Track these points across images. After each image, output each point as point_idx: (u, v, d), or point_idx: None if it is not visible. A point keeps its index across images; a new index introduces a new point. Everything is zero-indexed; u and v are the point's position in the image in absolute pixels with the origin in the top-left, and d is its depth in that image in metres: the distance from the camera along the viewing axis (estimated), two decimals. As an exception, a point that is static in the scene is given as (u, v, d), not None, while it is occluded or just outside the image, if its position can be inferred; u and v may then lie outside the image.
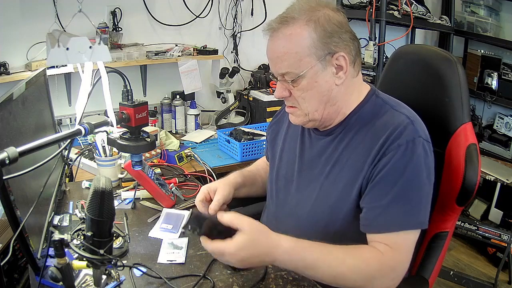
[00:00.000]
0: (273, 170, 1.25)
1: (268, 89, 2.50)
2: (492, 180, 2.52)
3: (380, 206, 0.97)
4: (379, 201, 0.97)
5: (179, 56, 2.30)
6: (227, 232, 0.91)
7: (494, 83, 2.91)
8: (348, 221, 1.04)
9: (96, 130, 0.99)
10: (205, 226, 0.91)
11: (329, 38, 0.99)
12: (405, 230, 0.97)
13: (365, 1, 2.72)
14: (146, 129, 1.13)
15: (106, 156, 1.50)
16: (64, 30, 2.00)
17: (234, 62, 2.71)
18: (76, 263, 0.83)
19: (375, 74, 2.65)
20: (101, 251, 0.80)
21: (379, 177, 0.98)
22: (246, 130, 2.15)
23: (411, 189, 0.97)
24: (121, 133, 1.12)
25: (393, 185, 0.96)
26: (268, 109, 2.38)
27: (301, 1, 1.04)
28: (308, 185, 1.12)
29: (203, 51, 2.40)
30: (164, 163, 1.83)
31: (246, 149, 2.04)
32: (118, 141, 1.10)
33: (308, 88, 1.02)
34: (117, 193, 1.42)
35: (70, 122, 2.19)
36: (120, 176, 1.54)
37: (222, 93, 2.59)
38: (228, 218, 0.92)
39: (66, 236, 0.79)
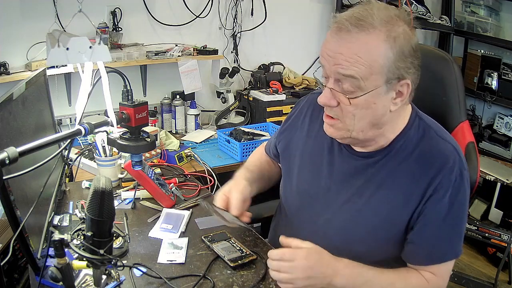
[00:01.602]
0: (291, 183, 1.18)
1: (268, 89, 2.49)
2: (492, 180, 2.52)
3: (429, 242, 0.99)
4: (429, 237, 0.99)
5: (179, 56, 2.30)
6: None
7: (494, 83, 2.91)
8: (387, 249, 1.05)
9: (96, 130, 0.99)
10: None
11: (403, 63, 0.90)
12: (450, 260, 1.02)
13: (365, 1, 2.72)
14: (146, 129, 1.13)
15: (106, 156, 1.50)
16: (64, 30, 2.00)
17: (234, 62, 2.71)
18: (76, 263, 0.83)
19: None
20: (101, 251, 0.80)
21: (432, 213, 0.97)
22: (246, 130, 2.15)
23: (458, 223, 1.00)
24: (121, 133, 1.12)
25: (444, 221, 0.98)
26: (268, 109, 2.38)
27: (380, 7, 0.92)
28: (341, 205, 1.07)
29: (203, 51, 2.40)
30: (164, 163, 1.83)
31: (246, 149, 2.03)
32: (118, 141, 1.10)
33: (364, 106, 0.92)
34: (117, 193, 1.42)
35: (70, 122, 2.19)
36: (120, 176, 1.54)
37: (222, 93, 2.59)
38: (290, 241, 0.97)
39: (66, 236, 0.79)
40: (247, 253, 1.10)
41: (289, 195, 1.20)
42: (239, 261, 1.06)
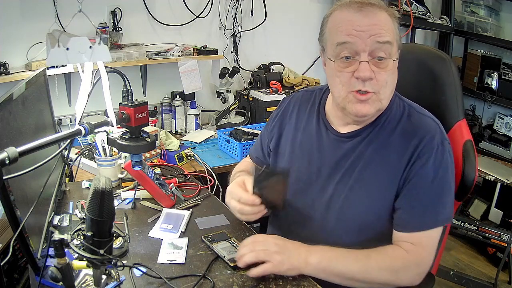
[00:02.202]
0: None
1: (268, 89, 2.49)
2: (492, 180, 2.52)
3: (415, 207, 1.02)
4: (414, 201, 1.02)
5: (179, 56, 2.30)
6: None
7: (494, 83, 2.91)
8: (382, 221, 1.07)
9: (96, 130, 0.99)
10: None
11: (399, 36, 1.06)
12: (436, 228, 1.03)
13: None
14: (146, 129, 1.13)
15: (106, 156, 1.50)
16: (64, 30, 2.00)
17: (234, 62, 2.71)
18: (76, 263, 0.83)
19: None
20: (101, 251, 0.80)
21: (415, 179, 1.03)
22: (246, 130, 2.15)
23: (442, 188, 1.03)
24: (121, 133, 1.12)
25: (427, 187, 1.02)
26: (268, 109, 2.38)
27: None
28: (334, 187, 1.11)
29: (203, 51, 2.40)
30: (164, 163, 1.83)
31: (246, 149, 2.03)
32: (118, 141, 1.10)
33: (394, 72, 1.03)
34: (117, 193, 1.42)
35: (70, 122, 2.19)
36: (120, 176, 1.54)
37: (222, 93, 2.59)
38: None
39: (66, 236, 0.79)
40: None
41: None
42: None
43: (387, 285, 1.02)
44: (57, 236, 0.78)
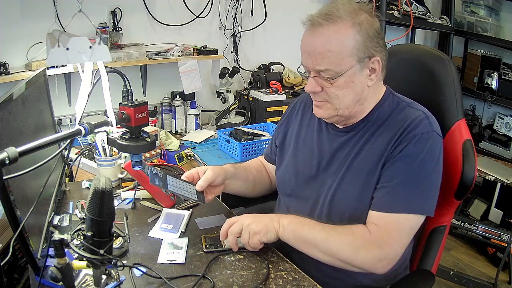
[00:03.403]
0: (287, 168, 1.29)
1: (268, 89, 2.49)
2: (492, 180, 2.52)
3: (388, 186, 1.05)
4: (388, 182, 1.05)
5: (179, 56, 2.30)
6: None
7: (494, 83, 2.91)
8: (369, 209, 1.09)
9: (96, 130, 0.99)
10: None
11: (370, 42, 1.05)
12: (407, 213, 1.03)
13: (365, 1, 2.72)
14: (146, 129, 1.13)
15: (106, 156, 1.50)
16: (64, 30, 2.00)
17: (234, 62, 2.71)
18: (76, 263, 0.83)
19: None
20: (101, 251, 0.80)
21: (392, 161, 1.05)
22: (246, 130, 2.15)
23: (420, 176, 1.04)
24: (121, 133, 1.12)
25: (404, 170, 1.04)
26: (268, 109, 2.38)
27: (344, 2, 1.08)
28: (331, 178, 1.17)
29: (203, 51, 2.40)
30: (164, 163, 1.83)
31: (246, 149, 2.04)
32: (118, 141, 1.10)
33: (344, 86, 1.06)
34: (117, 193, 1.42)
35: (70, 122, 2.19)
36: (120, 176, 1.54)
37: (222, 93, 2.59)
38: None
39: (66, 236, 0.79)
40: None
41: (286, 177, 1.29)
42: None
43: (348, 263, 1.04)
44: (57, 236, 0.78)
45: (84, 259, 0.81)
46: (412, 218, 1.03)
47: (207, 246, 1.13)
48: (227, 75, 2.54)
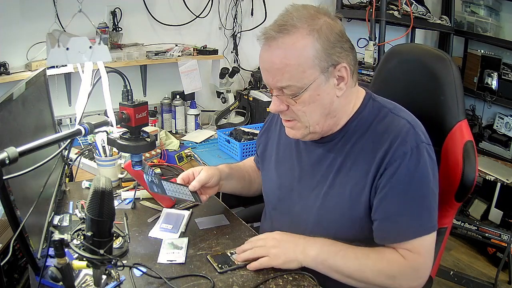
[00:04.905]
0: (270, 181, 1.26)
1: (268, 89, 2.49)
2: (492, 180, 2.52)
3: (392, 218, 0.98)
4: (391, 213, 0.98)
5: (179, 56, 2.30)
6: None
7: (494, 83, 2.91)
8: (357, 229, 1.05)
9: (96, 130, 0.99)
10: None
11: (333, 49, 0.95)
12: (420, 237, 0.98)
13: (365, 1, 2.72)
14: (146, 129, 1.13)
15: (106, 156, 1.50)
16: (64, 30, 2.00)
17: (234, 62, 2.71)
18: (76, 263, 0.83)
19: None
20: (101, 251, 0.80)
21: (388, 187, 0.98)
22: (246, 130, 2.15)
23: (420, 196, 0.98)
24: (121, 133, 1.12)
25: (403, 195, 0.97)
26: (268, 109, 2.37)
27: (298, 8, 0.99)
28: (310, 192, 1.12)
29: (203, 51, 2.40)
30: (164, 163, 1.83)
31: (246, 149, 2.03)
32: (118, 141, 1.10)
33: (310, 101, 0.98)
34: (117, 193, 1.42)
35: (70, 122, 2.19)
36: (120, 176, 1.54)
37: (222, 93, 2.59)
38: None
39: (66, 236, 0.79)
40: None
41: (269, 191, 1.27)
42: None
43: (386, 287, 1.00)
44: (57, 236, 0.78)
45: (84, 259, 0.81)
46: (427, 236, 0.99)
47: (220, 266, 1.05)
48: (227, 75, 2.54)
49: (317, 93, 0.97)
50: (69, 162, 1.45)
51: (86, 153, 1.84)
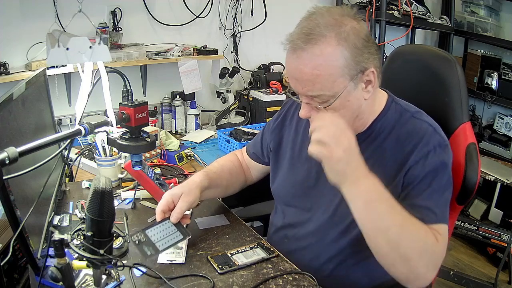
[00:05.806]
0: (284, 178, 1.24)
1: (268, 89, 2.49)
2: (492, 180, 2.52)
3: (415, 209, 0.96)
4: (414, 205, 0.97)
5: (179, 56, 2.30)
6: None
7: (494, 83, 2.91)
8: None
9: (96, 130, 0.99)
10: None
11: (361, 56, 0.95)
12: (440, 223, 0.98)
13: (365, 1, 2.72)
14: (146, 129, 1.13)
15: (106, 156, 1.50)
16: (64, 30, 2.00)
17: (234, 62, 2.71)
18: (76, 263, 0.83)
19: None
20: (101, 251, 0.80)
21: (411, 187, 1.00)
22: (246, 130, 2.15)
23: (442, 188, 1.01)
24: (121, 133, 1.12)
25: (429, 186, 0.99)
26: (268, 109, 2.38)
27: (323, 12, 0.98)
28: (329, 190, 1.08)
29: (203, 51, 2.40)
30: (164, 163, 1.83)
31: (246, 149, 2.03)
32: (118, 141, 1.10)
33: (340, 107, 0.98)
34: (117, 193, 1.42)
35: (70, 122, 2.19)
36: (120, 176, 1.54)
37: (222, 93, 2.59)
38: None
39: (66, 236, 0.79)
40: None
41: (282, 187, 1.25)
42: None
43: (408, 262, 0.93)
44: (57, 236, 0.78)
45: (84, 259, 0.81)
46: (447, 227, 1.00)
47: (220, 267, 1.05)
48: (227, 75, 2.54)
49: (347, 100, 0.98)
50: (69, 162, 1.45)
51: (86, 153, 1.84)
